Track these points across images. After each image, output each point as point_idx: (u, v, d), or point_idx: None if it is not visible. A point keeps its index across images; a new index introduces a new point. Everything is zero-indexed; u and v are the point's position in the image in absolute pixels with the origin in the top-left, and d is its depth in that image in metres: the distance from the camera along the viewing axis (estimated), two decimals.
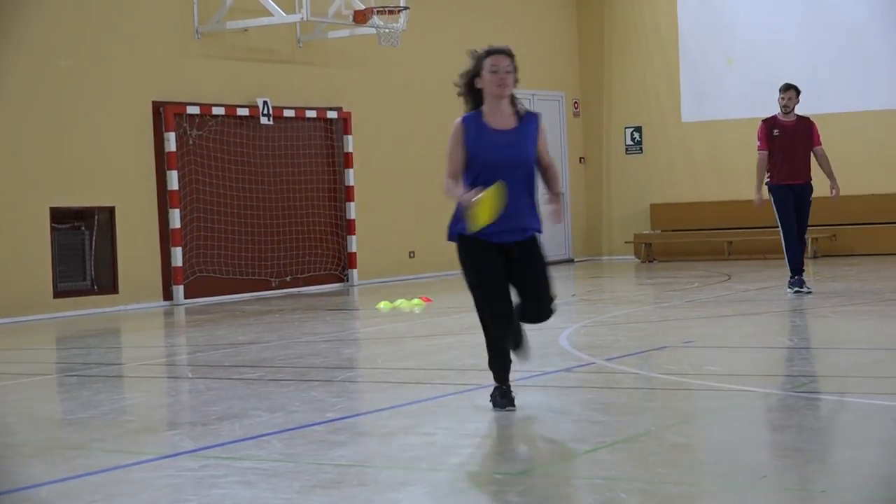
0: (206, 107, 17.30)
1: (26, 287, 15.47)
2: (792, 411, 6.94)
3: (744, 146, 15.27)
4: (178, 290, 16.92)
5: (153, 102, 16.84)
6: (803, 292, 13.62)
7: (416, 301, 14.86)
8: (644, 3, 23.63)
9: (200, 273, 17.28)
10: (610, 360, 9.12)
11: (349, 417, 7.30)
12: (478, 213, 6.60)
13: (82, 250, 16.23)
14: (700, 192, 22.94)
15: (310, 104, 18.83)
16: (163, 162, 16.86)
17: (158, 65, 16.96)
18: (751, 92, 21.79)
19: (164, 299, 16.92)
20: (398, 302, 14.82)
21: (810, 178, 13.77)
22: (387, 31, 18.21)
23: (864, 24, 21.79)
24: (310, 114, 18.73)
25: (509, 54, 7.08)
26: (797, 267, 13.73)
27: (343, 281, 19.23)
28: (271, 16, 17.49)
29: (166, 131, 16.81)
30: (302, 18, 17.48)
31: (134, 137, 16.64)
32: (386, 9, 18.12)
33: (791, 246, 13.72)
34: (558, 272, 21.26)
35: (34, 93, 15.59)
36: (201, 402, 8.06)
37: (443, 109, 21.20)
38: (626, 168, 23.86)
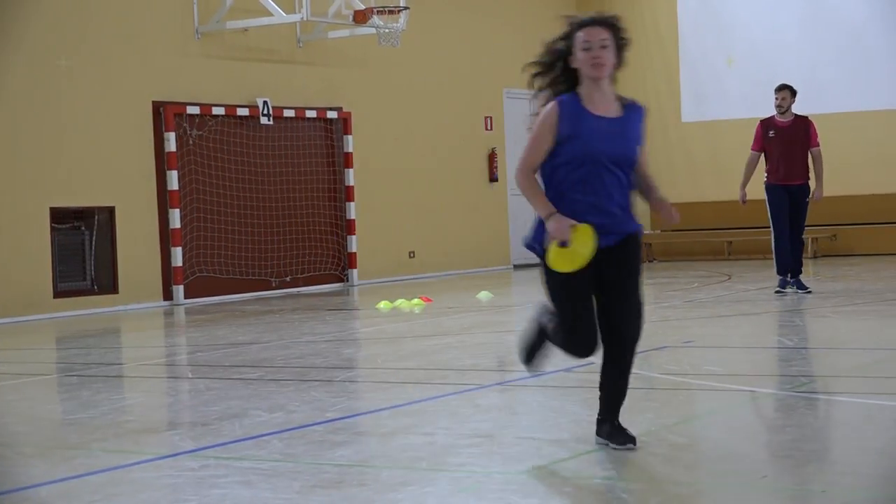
0: (206, 107, 17.30)
1: (26, 287, 15.47)
2: (792, 411, 6.94)
3: (744, 146, 15.33)
4: (178, 290, 16.92)
5: (153, 102, 16.84)
6: (785, 293, 13.62)
7: (415, 301, 14.86)
8: (644, 3, 23.62)
9: (200, 273, 17.28)
10: None
11: (349, 417, 7.29)
12: (571, 255, 5.56)
13: (82, 250, 16.23)
14: (700, 192, 22.94)
15: (310, 104, 18.83)
16: (163, 162, 16.86)
17: (158, 65, 16.96)
18: (751, 92, 21.78)
19: (164, 299, 16.93)
20: (398, 302, 14.82)
21: (808, 179, 13.72)
22: (387, 31, 18.21)
23: (864, 24, 21.79)
24: (310, 114, 18.73)
25: (607, 24, 5.80)
26: (784, 269, 13.73)
27: (343, 281, 19.23)
28: (271, 16, 17.49)
29: (166, 131, 16.81)
30: (302, 18, 17.48)
31: (134, 137, 16.64)
32: (386, 9, 18.12)
33: (780, 248, 13.69)
34: None
35: (34, 93, 15.59)
36: (201, 402, 8.06)
37: (443, 109, 21.28)
38: None
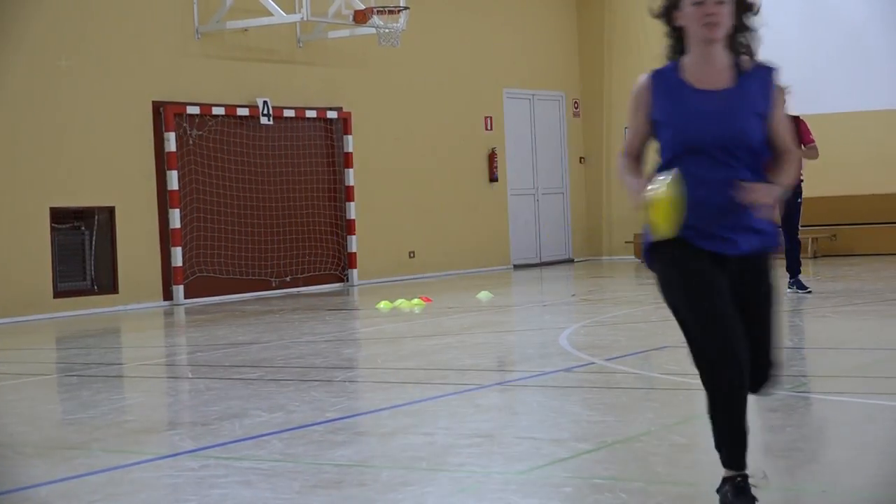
0: (206, 107, 17.29)
1: (26, 287, 15.47)
2: (792, 411, 6.94)
3: None
4: (178, 290, 16.92)
5: (153, 102, 16.84)
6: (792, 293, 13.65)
7: (415, 301, 14.86)
8: (644, 4, 23.53)
9: (200, 273, 17.28)
10: (610, 360, 9.12)
11: (349, 417, 7.29)
12: (656, 214, 4.58)
13: (82, 250, 16.22)
14: None
15: (310, 104, 18.83)
16: (163, 162, 16.86)
17: (158, 65, 16.96)
18: None
19: (164, 299, 16.92)
20: (398, 302, 14.82)
21: (800, 180, 13.68)
22: (387, 31, 18.20)
23: (864, 23, 21.78)
24: (310, 114, 18.73)
25: None
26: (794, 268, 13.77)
27: (343, 281, 19.23)
28: (271, 16, 17.48)
29: (166, 131, 16.81)
30: (302, 18, 17.48)
31: (134, 137, 16.63)
32: (386, 9, 18.11)
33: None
34: (558, 272, 21.23)
35: (34, 93, 15.59)
36: (201, 402, 8.06)
37: (443, 109, 21.27)
38: None
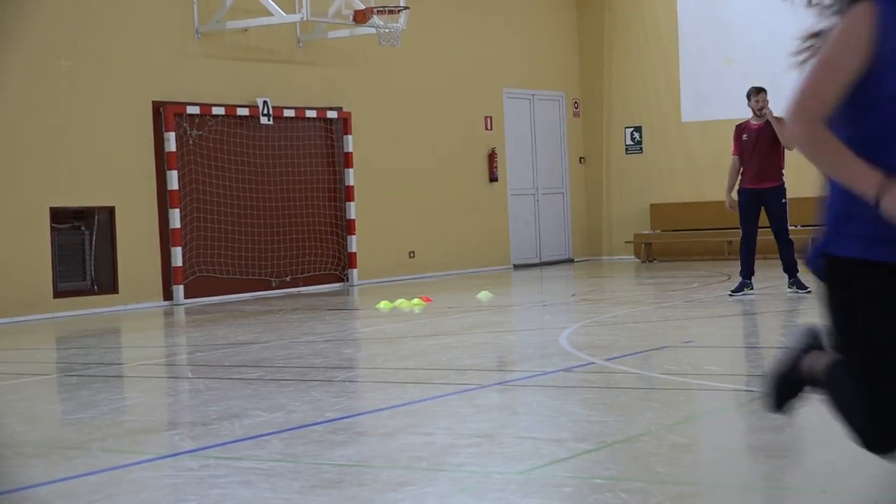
0: (206, 107, 17.30)
1: (26, 287, 15.47)
2: (792, 411, 6.93)
3: None
4: (178, 290, 16.92)
5: (153, 102, 16.84)
6: (742, 295, 13.65)
7: (415, 301, 14.86)
8: (644, 4, 23.62)
9: (200, 273, 17.28)
10: (610, 359, 9.12)
11: (349, 417, 7.29)
12: None
13: (82, 250, 16.23)
14: (700, 192, 22.94)
15: (310, 104, 18.83)
16: (163, 162, 16.86)
17: (158, 65, 16.96)
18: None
19: (164, 299, 16.93)
20: (398, 302, 14.82)
21: (781, 182, 13.68)
22: (387, 31, 18.20)
23: None
24: (310, 114, 18.73)
25: None
26: (746, 273, 13.79)
27: (343, 281, 19.23)
28: (271, 16, 17.49)
29: (166, 131, 16.81)
30: (302, 18, 17.48)
31: (134, 137, 16.64)
32: (386, 9, 18.11)
33: (742, 251, 13.92)
34: (558, 272, 21.24)
35: (34, 93, 15.60)
36: (201, 402, 8.06)
37: (443, 109, 21.27)
38: (626, 168, 23.86)
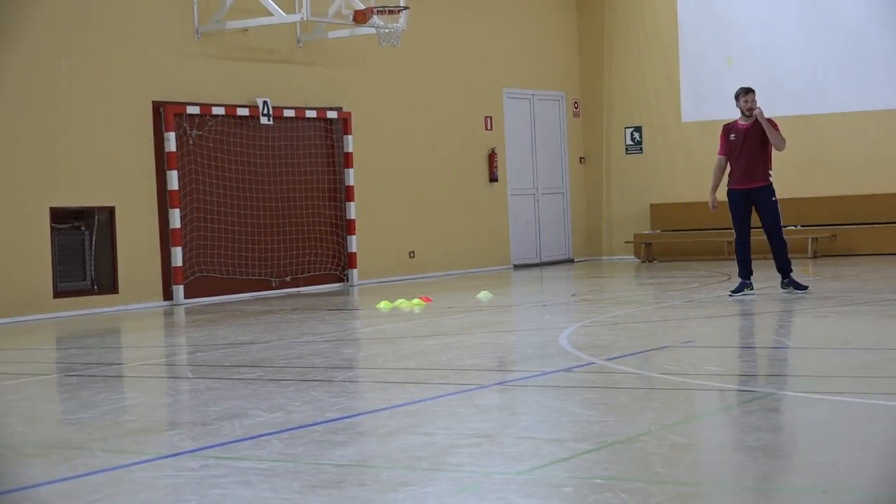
0: (206, 107, 17.30)
1: (26, 287, 15.47)
2: (791, 411, 6.94)
3: None
4: (178, 290, 16.92)
5: (153, 102, 16.84)
6: (742, 296, 13.64)
7: (415, 301, 14.86)
8: (644, 4, 23.62)
9: (200, 273, 17.28)
10: (610, 360, 9.12)
11: (349, 417, 7.29)
12: None
13: (82, 250, 16.22)
14: (700, 192, 22.86)
15: (310, 104, 18.83)
16: (163, 162, 16.86)
17: (158, 65, 16.96)
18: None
19: (164, 299, 16.93)
20: (398, 302, 14.82)
21: (768, 182, 13.67)
22: (387, 31, 18.20)
23: (864, 24, 21.78)
24: (310, 114, 18.73)
25: None
26: (744, 273, 13.76)
27: (343, 281, 19.23)
28: (271, 16, 17.49)
29: (166, 131, 16.81)
30: (302, 18, 17.48)
31: (134, 137, 16.64)
32: (386, 9, 18.11)
33: (737, 252, 13.88)
34: (558, 272, 21.25)
35: (34, 93, 15.60)
36: (201, 402, 8.06)
37: (443, 109, 21.27)
38: (626, 168, 23.86)
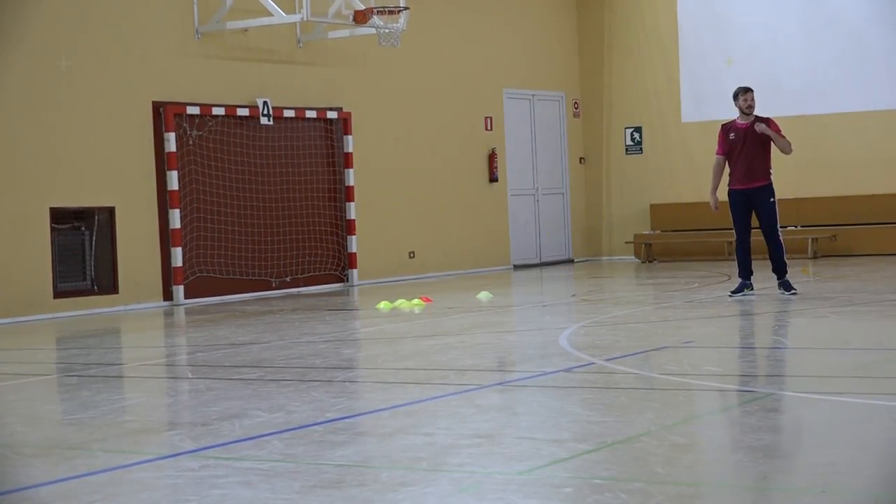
0: (206, 107, 17.30)
1: (26, 287, 15.47)
2: (791, 412, 6.94)
3: None
4: (178, 290, 16.92)
5: (153, 102, 16.84)
6: (742, 296, 13.64)
7: (416, 301, 14.86)
8: (644, 4, 23.62)
9: (200, 273, 17.28)
10: (610, 360, 9.12)
11: (349, 417, 7.29)
12: None
13: (82, 250, 16.22)
14: (700, 193, 22.86)
15: (310, 104, 18.83)
16: (163, 162, 16.86)
17: (158, 65, 16.96)
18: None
19: (164, 299, 16.92)
20: (398, 302, 14.82)
21: (769, 182, 13.66)
22: (387, 31, 18.20)
23: (864, 24, 21.78)
24: (310, 114, 18.73)
25: None
26: (744, 273, 13.76)
27: (343, 281, 19.23)
28: (271, 16, 17.48)
29: (166, 131, 16.81)
30: (302, 18, 17.48)
31: (134, 137, 16.64)
32: (386, 9, 18.11)
33: (737, 252, 13.87)
34: (558, 272, 21.24)
35: (34, 93, 15.60)
36: (201, 403, 8.06)
37: (443, 109, 21.27)
38: (626, 168, 23.87)
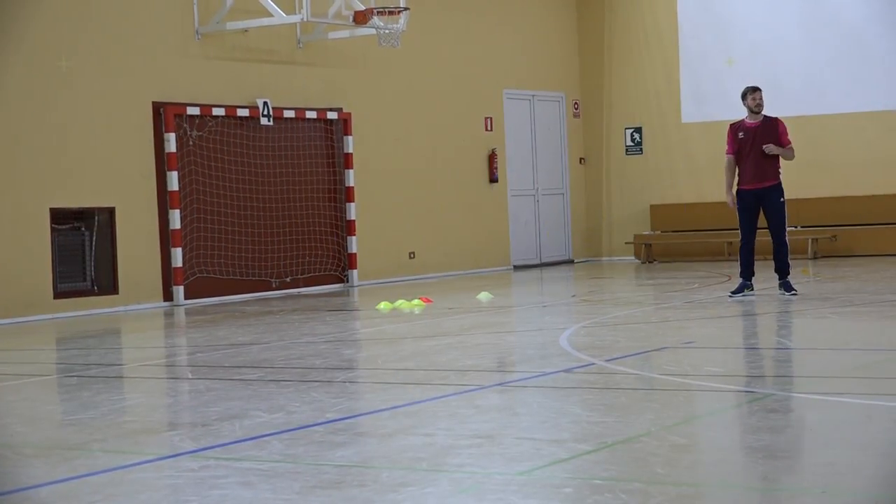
0: (206, 107, 17.30)
1: (26, 287, 15.47)
2: (791, 412, 6.94)
3: None
4: (179, 290, 16.92)
5: (153, 103, 16.84)
6: (742, 297, 13.63)
7: (415, 302, 14.86)
8: (644, 4, 23.62)
9: (200, 274, 17.28)
10: (610, 360, 9.12)
11: (349, 418, 7.29)
12: None
13: (82, 250, 16.22)
14: (700, 193, 22.94)
15: (310, 105, 18.83)
16: (163, 162, 16.86)
17: (158, 65, 16.96)
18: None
19: (165, 300, 16.92)
20: (398, 302, 14.82)
21: (778, 180, 13.64)
22: (387, 31, 18.20)
23: (864, 24, 21.79)
24: (310, 114, 18.73)
25: None
26: (745, 273, 13.76)
27: (343, 281, 19.23)
28: (271, 16, 17.48)
29: (166, 132, 16.81)
30: (302, 19, 17.48)
31: (134, 138, 16.64)
32: (386, 9, 18.11)
33: (740, 252, 13.87)
34: (558, 273, 21.25)
35: (34, 93, 15.60)
36: (201, 403, 8.06)
37: (443, 110, 21.27)
38: (626, 169, 23.86)
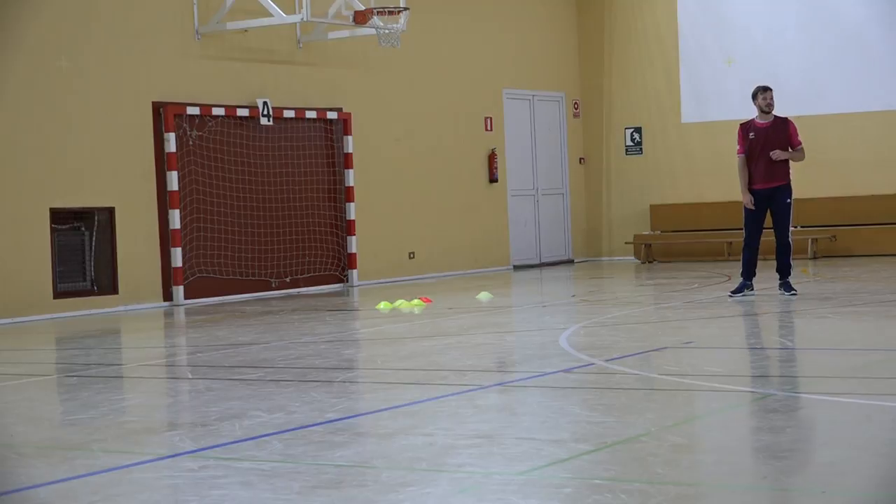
0: (206, 107, 17.30)
1: (26, 287, 15.46)
2: (791, 412, 6.94)
3: None
4: (178, 290, 16.91)
5: (153, 103, 16.84)
6: (742, 296, 13.62)
7: (415, 302, 14.86)
8: (644, 4, 23.62)
9: (200, 274, 17.28)
10: (610, 360, 9.12)
11: (349, 418, 7.30)
12: None
13: (82, 251, 16.22)
14: (700, 193, 22.94)
15: (310, 105, 18.83)
16: (163, 162, 16.86)
17: (158, 65, 16.96)
18: (751, 92, 21.76)
19: (164, 300, 16.92)
20: (398, 302, 14.82)
21: (787, 181, 13.63)
22: (387, 31, 18.20)
23: (864, 24, 21.79)
24: (310, 114, 18.73)
25: None
26: (746, 274, 13.75)
27: (343, 281, 19.23)
28: (271, 16, 17.48)
29: (166, 132, 16.81)
30: (302, 19, 17.47)
31: (134, 138, 16.64)
32: (386, 10, 18.11)
33: (743, 253, 13.87)
34: (558, 273, 21.24)
35: (34, 93, 15.59)
36: (201, 403, 8.06)
37: (443, 109, 21.27)
38: (626, 169, 23.86)
